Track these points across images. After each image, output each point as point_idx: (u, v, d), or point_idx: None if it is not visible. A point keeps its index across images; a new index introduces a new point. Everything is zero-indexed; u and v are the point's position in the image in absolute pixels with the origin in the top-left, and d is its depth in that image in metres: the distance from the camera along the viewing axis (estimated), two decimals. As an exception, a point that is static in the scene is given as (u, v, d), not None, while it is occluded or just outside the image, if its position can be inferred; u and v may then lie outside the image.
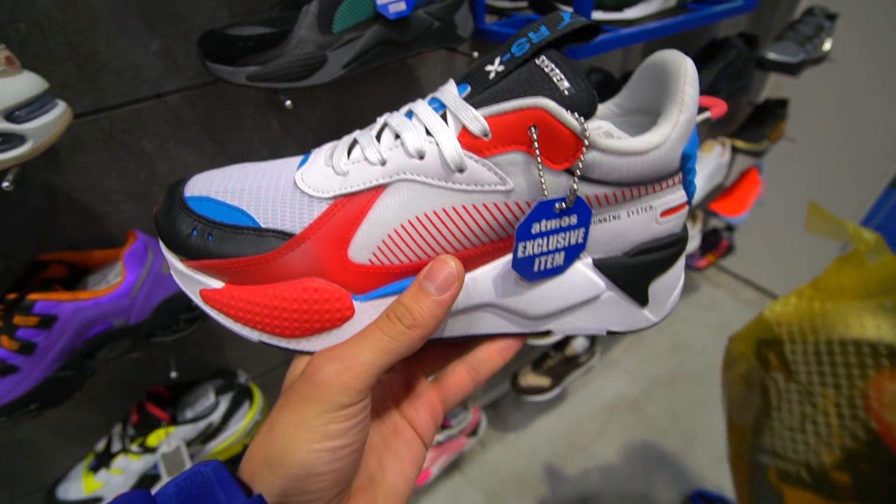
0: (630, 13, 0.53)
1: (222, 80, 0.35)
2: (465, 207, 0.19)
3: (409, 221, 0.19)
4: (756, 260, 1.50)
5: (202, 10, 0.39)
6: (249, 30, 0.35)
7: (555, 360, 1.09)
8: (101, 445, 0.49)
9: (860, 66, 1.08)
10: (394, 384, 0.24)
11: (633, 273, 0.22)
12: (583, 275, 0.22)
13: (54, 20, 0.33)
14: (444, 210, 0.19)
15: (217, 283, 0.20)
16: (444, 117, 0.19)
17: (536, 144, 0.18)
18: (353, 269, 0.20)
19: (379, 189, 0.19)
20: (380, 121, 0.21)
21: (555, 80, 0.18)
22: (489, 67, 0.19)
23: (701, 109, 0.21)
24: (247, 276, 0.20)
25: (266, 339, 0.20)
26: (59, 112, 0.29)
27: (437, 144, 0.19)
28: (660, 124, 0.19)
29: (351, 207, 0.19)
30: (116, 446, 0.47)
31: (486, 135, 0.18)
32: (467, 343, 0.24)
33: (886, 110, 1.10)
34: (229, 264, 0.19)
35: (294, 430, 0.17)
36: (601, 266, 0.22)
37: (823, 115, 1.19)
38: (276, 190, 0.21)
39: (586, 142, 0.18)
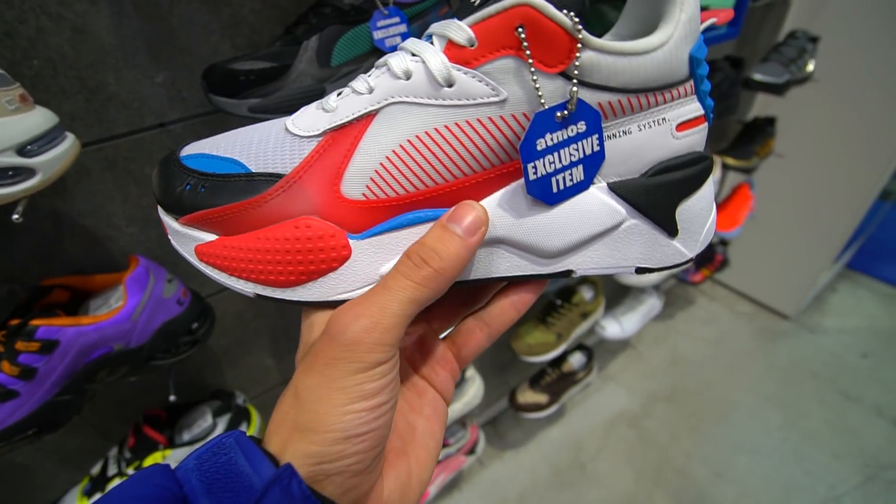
0: (617, 41, 0.55)
1: (224, 111, 0.37)
2: (458, 125, 0.18)
3: (401, 146, 0.18)
4: (751, 273, 1.52)
5: (205, 44, 0.41)
6: (251, 64, 0.36)
7: (552, 376, 1.09)
8: (96, 469, 0.48)
9: (843, 85, 1.11)
10: (407, 345, 0.23)
11: (653, 194, 0.20)
12: (598, 200, 0.20)
13: (65, 56, 0.35)
14: (436, 130, 0.18)
15: (211, 237, 0.20)
16: (430, 42, 0.19)
17: (526, 45, 0.17)
18: (348, 205, 0.19)
19: (369, 117, 0.19)
20: None
21: None
22: None
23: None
24: (240, 223, 0.19)
25: (262, 290, 0.20)
26: (68, 145, 0.31)
27: (424, 62, 0.18)
28: (661, 27, 0.18)
29: (341, 140, 0.19)
30: (112, 470, 0.47)
31: (471, 43, 0.17)
32: (479, 296, 0.23)
33: (872, 126, 1.13)
34: (221, 212, 0.19)
35: (326, 394, 0.16)
36: (617, 189, 0.20)
37: (811, 131, 1.22)
38: (267, 138, 0.20)
39: (579, 36, 0.16)
